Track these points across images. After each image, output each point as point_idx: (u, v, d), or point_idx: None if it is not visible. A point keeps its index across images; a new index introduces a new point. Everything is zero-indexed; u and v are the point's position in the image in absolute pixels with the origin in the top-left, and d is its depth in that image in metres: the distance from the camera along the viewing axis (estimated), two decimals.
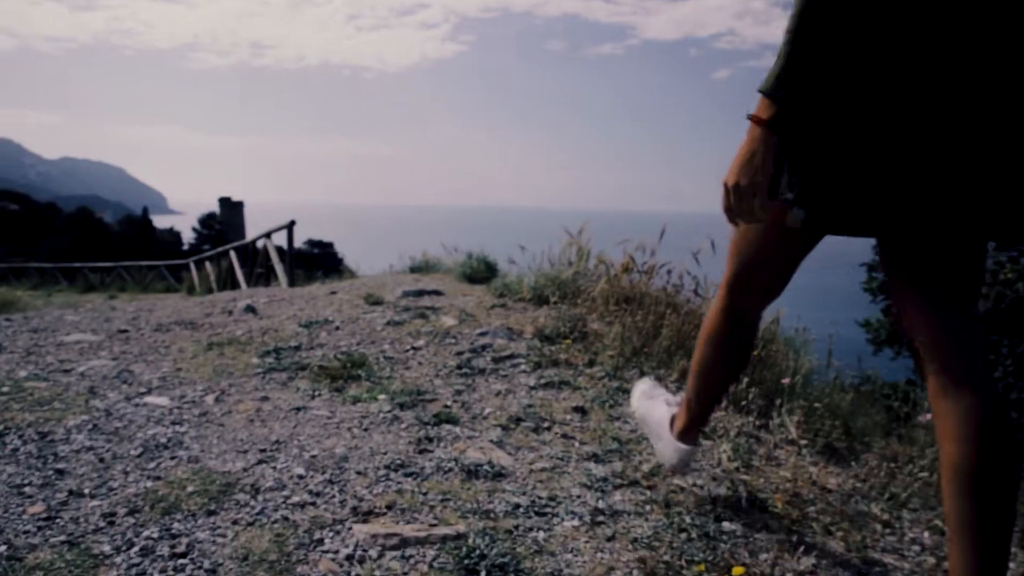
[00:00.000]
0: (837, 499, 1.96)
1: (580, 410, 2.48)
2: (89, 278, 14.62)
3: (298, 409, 2.34)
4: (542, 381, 2.77)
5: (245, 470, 1.83)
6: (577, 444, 2.20)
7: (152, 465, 1.85)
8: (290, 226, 7.76)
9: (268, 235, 8.28)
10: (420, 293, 4.77)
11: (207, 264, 10.30)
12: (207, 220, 61.05)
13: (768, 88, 1.11)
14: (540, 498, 1.77)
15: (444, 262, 6.85)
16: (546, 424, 2.32)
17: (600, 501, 1.78)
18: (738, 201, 1.16)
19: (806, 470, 2.17)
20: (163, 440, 2.02)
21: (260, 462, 1.89)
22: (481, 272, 5.73)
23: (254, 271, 8.56)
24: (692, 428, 1.66)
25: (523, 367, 2.92)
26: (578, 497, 1.80)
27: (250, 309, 4.63)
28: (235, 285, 8.95)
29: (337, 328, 3.60)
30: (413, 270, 6.89)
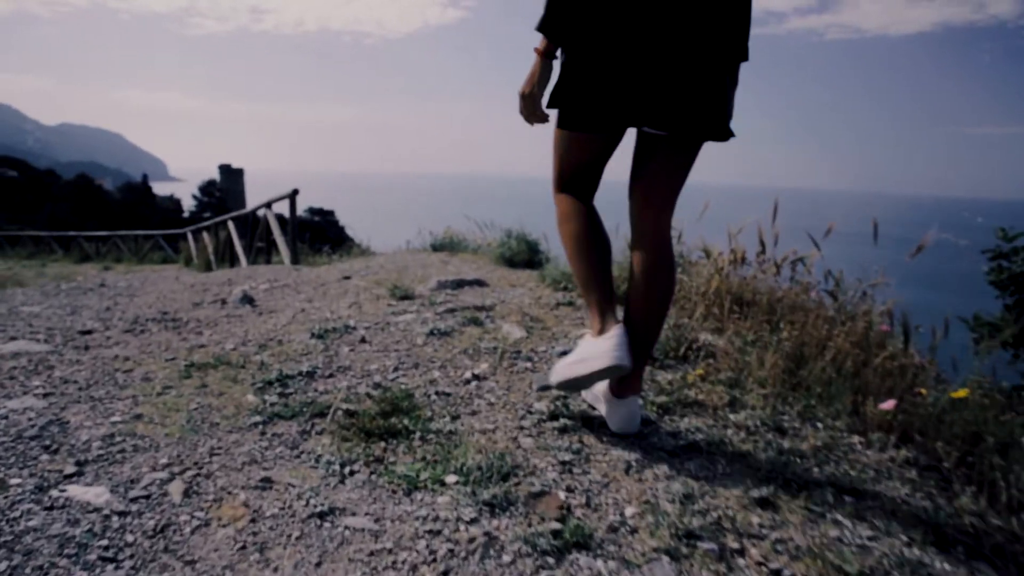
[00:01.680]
0: None
1: (768, 504, 1.55)
2: (85, 247, 13.67)
3: (322, 516, 1.40)
4: (681, 442, 1.84)
5: None
6: None
7: None
8: (292, 195, 6.79)
9: (269, 205, 7.31)
10: (459, 284, 3.81)
11: (204, 234, 9.35)
12: (207, 187, 59.80)
13: (538, 27, 1.63)
14: None
15: (469, 239, 5.90)
16: (733, 544, 1.39)
17: None
18: (526, 106, 1.71)
19: None
20: None
21: None
22: (522, 254, 4.77)
23: (254, 244, 7.63)
24: (605, 319, 1.74)
25: (642, 413, 1.98)
26: None
27: (247, 300, 3.73)
28: (234, 258, 8.01)
29: (363, 340, 2.66)
30: (436, 248, 5.95)
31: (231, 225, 8.37)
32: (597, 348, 1.68)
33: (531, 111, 1.71)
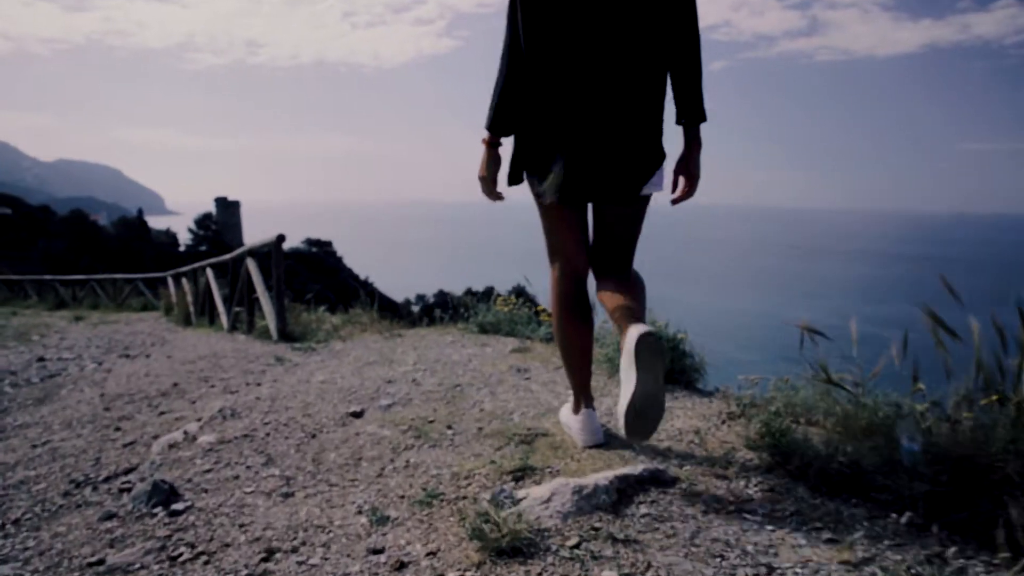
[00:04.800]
0: None
1: None
2: (60, 293, 12.96)
3: None
4: None
5: None
6: None
7: None
8: (277, 243, 5.50)
9: (251, 252, 6.18)
10: (623, 492, 1.63)
11: (184, 281, 8.61)
12: (203, 220, 59.66)
13: (486, 125, 1.98)
14: None
15: (517, 314, 4.19)
16: None
17: None
18: (483, 187, 2.03)
19: None
20: None
21: None
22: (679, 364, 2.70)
23: (233, 297, 6.62)
24: (577, 398, 2.10)
25: None
26: None
27: (161, 499, 1.89)
28: (213, 311, 7.24)
29: None
30: (483, 330, 4.17)
31: (209, 274, 7.45)
32: (574, 426, 2.10)
33: (488, 191, 2.04)
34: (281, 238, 5.43)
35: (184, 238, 60.69)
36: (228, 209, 61.51)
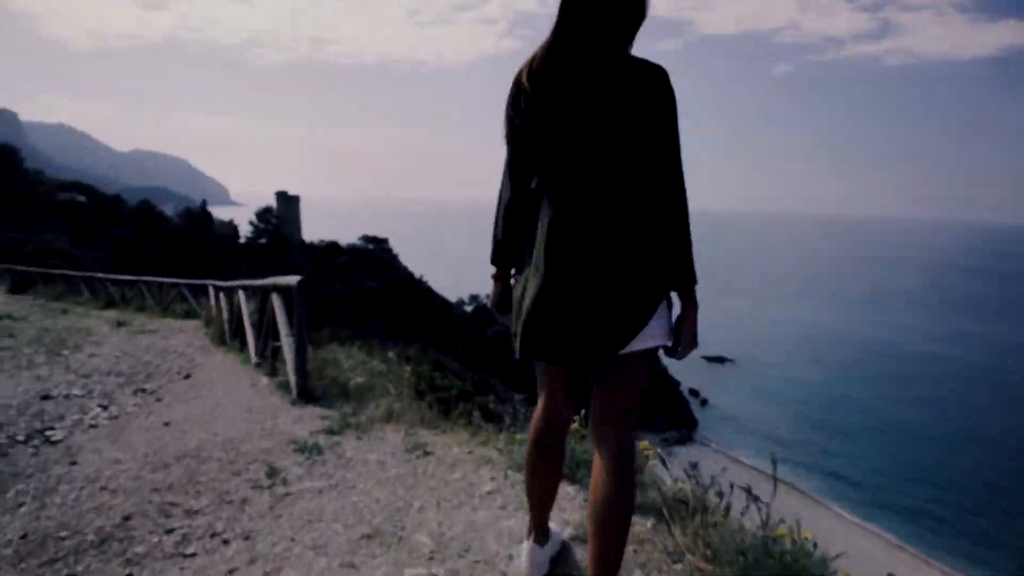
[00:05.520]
0: None
1: None
2: (110, 292, 13.02)
3: None
4: None
5: None
6: None
7: None
8: (299, 287, 4.69)
9: (276, 288, 5.46)
10: None
11: (221, 296, 8.23)
12: (263, 214, 60.73)
13: (490, 260, 1.91)
14: None
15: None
16: None
17: None
18: (495, 315, 1.97)
19: None
20: None
21: None
22: None
23: (261, 329, 6.04)
24: (533, 526, 2.05)
25: None
26: None
27: None
28: (244, 334, 6.74)
29: None
30: None
31: (241, 298, 6.98)
32: (522, 552, 2.09)
33: (502, 321, 1.95)
34: (303, 282, 4.68)
35: (245, 230, 61.97)
36: (288, 203, 62.49)
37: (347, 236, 65.53)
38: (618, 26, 1.59)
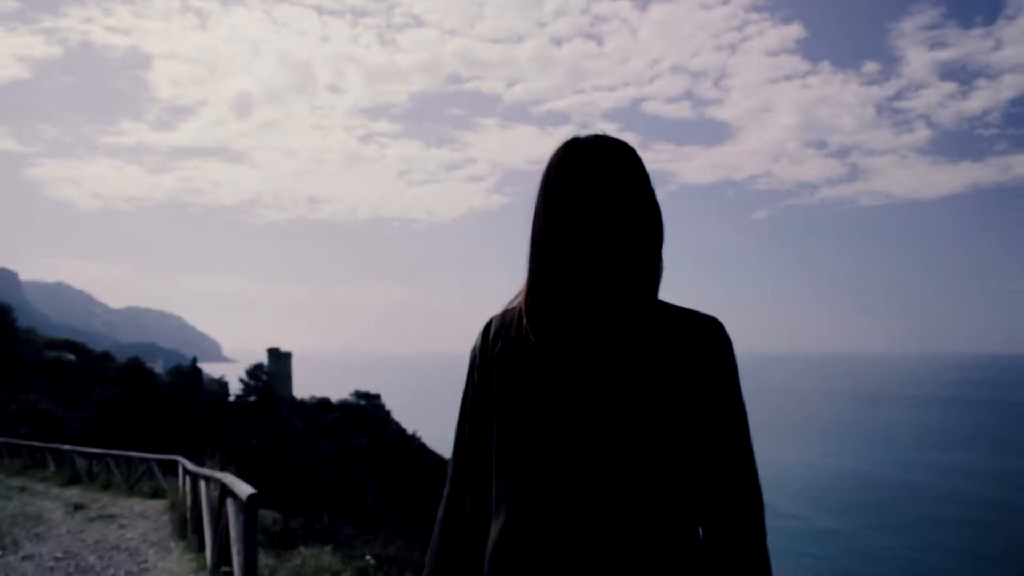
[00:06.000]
0: None
1: None
2: (77, 465, 12.09)
3: None
4: None
5: None
6: None
7: None
8: (248, 504, 4.01)
9: (231, 493, 4.70)
10: None
11: (187, 480, 7.49)
12: (254, 371, 59.83)
13: None
14: None
15: None
16: None
17: None
18: None
19: None
20: None
21: None
22: None
23: (217, 533, 5.16)
24: None
25: None
26: None
27: None
28: (202, 536, 5.89)
29: None
30: None
31: (202, 488, 6.27)
32: None
33: None
34: (253, 498, 3.95)
35: (235, 387, 60.71)
36: (279, 360, 61.92)
37: (339, 391, 64.36)
38: (629, 249, 1.07)
